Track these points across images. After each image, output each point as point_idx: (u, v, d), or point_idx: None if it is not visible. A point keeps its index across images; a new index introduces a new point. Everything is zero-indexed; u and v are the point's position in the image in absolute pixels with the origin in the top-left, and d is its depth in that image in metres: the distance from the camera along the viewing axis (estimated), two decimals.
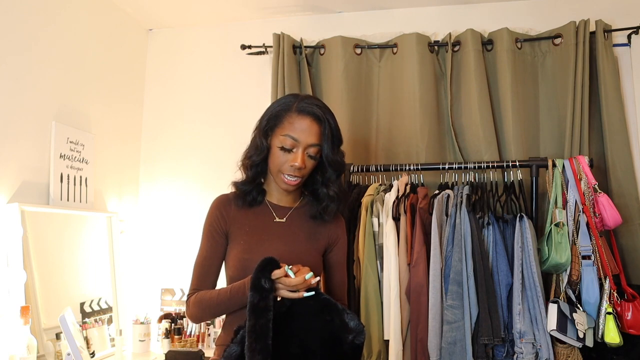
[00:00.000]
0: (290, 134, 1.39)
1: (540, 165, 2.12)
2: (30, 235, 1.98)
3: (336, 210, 1.51)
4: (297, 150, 1.39)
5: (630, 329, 1.89)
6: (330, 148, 1.43)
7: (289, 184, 1.43)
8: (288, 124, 1.41)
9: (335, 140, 1.45)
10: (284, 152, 1.40)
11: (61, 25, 2.26)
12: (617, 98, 2.29)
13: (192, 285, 1.47)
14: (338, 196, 1.49)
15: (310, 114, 1.41)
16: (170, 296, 2.69)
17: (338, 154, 1.48)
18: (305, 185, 1.53)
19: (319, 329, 1.27)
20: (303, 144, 1.39)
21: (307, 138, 1.39)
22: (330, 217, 1.50)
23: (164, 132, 2.88)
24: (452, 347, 1.88)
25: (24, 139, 2.04)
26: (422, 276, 1.94)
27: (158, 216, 2.83)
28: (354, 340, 1.27)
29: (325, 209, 1.48)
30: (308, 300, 1.28)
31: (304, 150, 1.40)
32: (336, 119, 1.48)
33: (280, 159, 1.41)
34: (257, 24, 2.80)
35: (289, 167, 1.40)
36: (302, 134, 1.39)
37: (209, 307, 1.40)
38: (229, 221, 1.48)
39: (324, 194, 1.48)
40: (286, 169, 1.41)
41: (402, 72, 2.51)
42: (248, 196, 1.49)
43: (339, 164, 1.48)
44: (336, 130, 1.46)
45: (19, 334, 1.76)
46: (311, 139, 1.40)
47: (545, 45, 2.44)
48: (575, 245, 1.96)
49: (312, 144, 1.40)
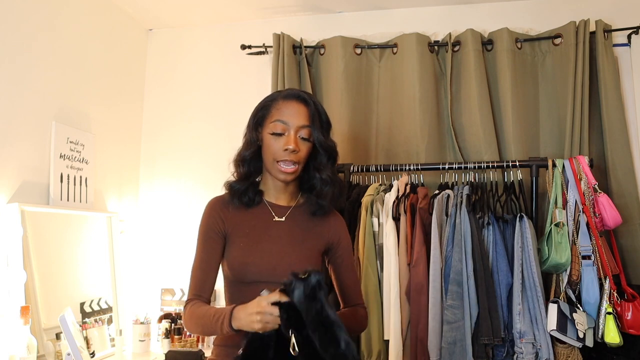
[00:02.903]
0: (279, 118, 1.40)
1: (540, 165, 2.12)
2: (30, 235, 1.98)
3: (332, 197, 1.48)
4: (288, 133, 1.40)
5: (630, 329, 1.89)
6: (320, 131, 1.42)
7: (285, 172, 1.40)
8: (276, 110, 1.42)
9: (324, 125, 1.45)
10: (276, 138, 1.40)
11: (61, 25, 2.26)
12: (617, 98, 2.29)
13: (190, 291, 1.44)
14: (332, 179, 1.46)
15: (295, 96, 1.43)
16: (170, 296, 2.69)
17: (328, 139, 1.46)
18: (302, 183, 1.52)
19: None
20: (294, 126, 1.40)
21: (296, 120, 1.40)
22: (328, 201, 1.47)
23: (164, 132, 2.88)
24: (452, 347, 1.88)
25: (24, 139, 2.04)
26: (422, 276, 1.94)
27: (158, 216, 2.83)
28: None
29: (320, 193, 1.46)
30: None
31: (295, 132, 1.40)
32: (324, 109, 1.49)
33: (274, 146, 1.40)
34: (257, 24, 2.81)
35: (283, 152, 1.39)
36: (292, 117, 1.40)
37: (196, 324, 1.38)
38: (227, 222, 1.45)
39: (318, 179, 1.46)
40: (280, 155, 1.40)
41: (402, 72, 2.51)
42: (244, 196, 1.46)
43: (330, 148, 1.46)
44: (324, 115, 1.46)
45: (19, 334, 1.76)
46: (301, 121, 1.40)
47: (545, 45, 2.44)
48: (575, 245, 1.96)
49: (302, 125, 1.40)
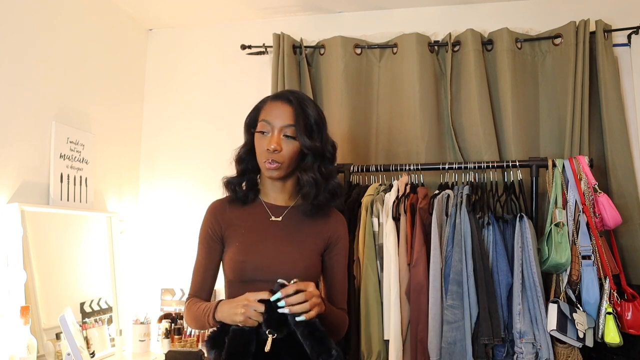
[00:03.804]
0: (265, 118, 1.45)
1: (540, 165, 2.12)
2: (30, 235, 1.98)
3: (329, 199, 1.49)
4: (272, 133, 1.43)
5: (630, 329, 1.89)
6: (304, 132, 1.43)
7: (269, 169, 1.43)
8: (263, 111, 1.48)
9: (311, 126, 1.45)
10: (261, 138, 1.44)
11: (61, 26, 2.26)
12: (617, 98, 2.29)
13: (190, 290, 1.52)
14: (316, 180, 1.45)
15: (281, 97, 1.47)
16: (170, 296, 2.69)
17: (316, 140, 1.46)
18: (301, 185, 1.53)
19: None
20: (277, 126, 1.43)
21: (280, 120, 1.43)
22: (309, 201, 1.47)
23: (164, 132, 2.88)
24: (452, 347, 1.88)
25: (24, 139, 2.04)
26: (422, 276, 1.94)
27: (158, 216, 2.83)
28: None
29: (305, 195, 1.47)
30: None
31: (279, 132, 1.43)
32: (320, 109, 1.50)
33: (260, 146, 1.44)
34: (257, 24, 2.80)
35: (265, 152, 1.42)
36: (275, 117, 1.44)
37: (191, 319, 1.46)
38: (224, 225, 1.49)
39: (304, 180, 1.46)
40: (264, 155, 1.43)
41: (402, 72, 2.51)
42: (239, 190, 1.51)
43: (316, 149, 1.45)
44: (314, 115, 1.46)
45: (19, 334, 1.76)
46: (284, 120, 1.43)
47: (545, 45, 2.44)
48: (575, 245, 1.96)
49: (285, 125, 1.43)
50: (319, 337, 1.24)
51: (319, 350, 1.23)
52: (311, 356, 1.24)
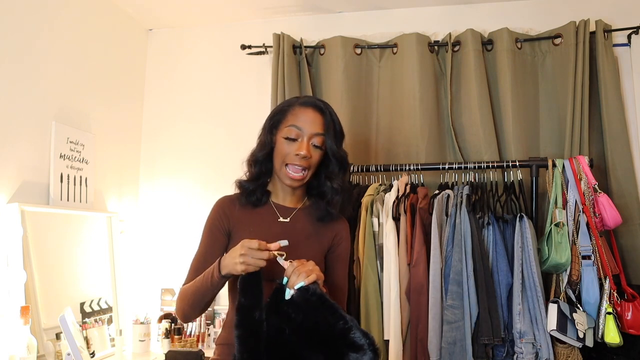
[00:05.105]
0: (294, 124, 1.44)
1: (540, 165, 2.12)
2: (30, 235, 1.98)
3: (340, 205, 1.52)
4: (302, 140, 1.43)
5: (630, 329, 1.89)
6: (333, 140, 1.46)
7: (293, 178, 1.43)
8: (292, 116, 1.46)
9: (337, 135, 1.49)
10: (289, 143, 1.43)
11: (61, 26, 2.26)
12: (617, 98, 2.29)
13: (186, 279, 1.45)
14: (342, 188, 1.50)
15: (312, 104, 1.47)
16: (170, 296, 2.69)
17: (341, 149, 1.51)
18: (310, 188, 1.54)
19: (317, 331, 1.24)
20: (307, 133, 1.43)
21: (311, 127, 1.43)
22: (337, 210, 1.51)
23: (164, 132, 2.88)
24: (452, 347, 1.88)
25: (24, 139, 2.04)
26: (422, 276, 1.94)
27: (158, 216, 2.83)
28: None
29: (330, 202, 1.49)
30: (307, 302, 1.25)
31: (309, 139, 1.43)
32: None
33: (286, 149, 1.43)
34: (257, 24, 2.81)
35: (294, 157, 1.42)
36: (306, 124, 1.43)
37: (186, 296, 1.39)
38: (232, 221, 1.48)
39: (329, 187, 1.49)
40: (291, 159, 1.43)
41: (402, 72, 2.51)
42: (252, 196, 1.50)
43: (342, 158, 1.50)
44: (339, 125, 1.50)
45: (19, 334, 1.76)
46: (315, 128, 1.44)
47: (545, 45, 2.44)
48: (575, 245, 1.96)
49: (316, 133, 1.43)
50: (329, 305, 1.24)
51: (335, 319, 1.22)
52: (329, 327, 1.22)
